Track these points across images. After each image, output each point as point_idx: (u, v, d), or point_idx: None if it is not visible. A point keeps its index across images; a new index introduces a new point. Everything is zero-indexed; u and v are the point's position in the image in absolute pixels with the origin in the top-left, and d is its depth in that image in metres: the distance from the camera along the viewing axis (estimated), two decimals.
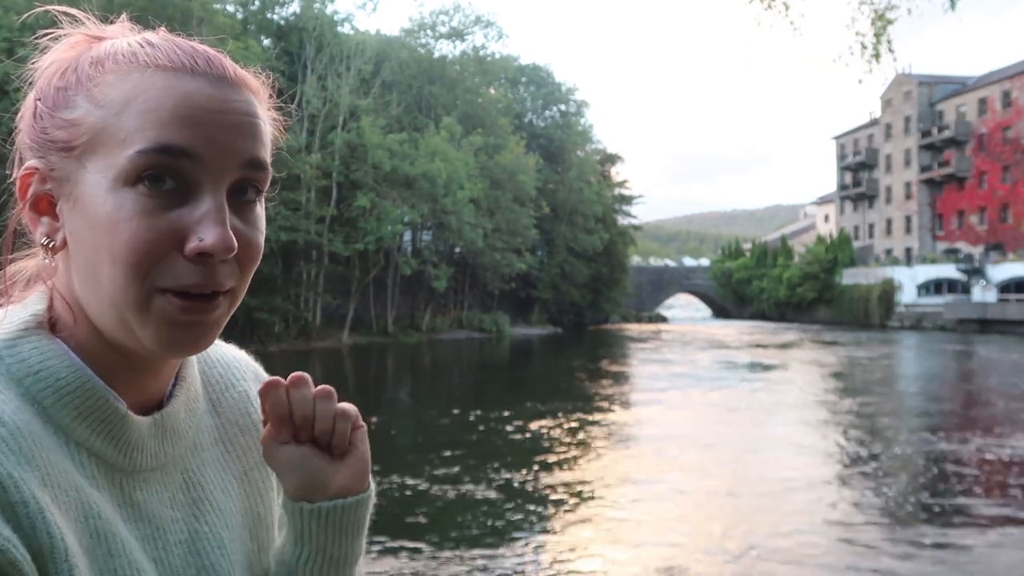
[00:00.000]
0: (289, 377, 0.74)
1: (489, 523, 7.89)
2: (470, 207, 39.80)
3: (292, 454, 0.74)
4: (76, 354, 0.65)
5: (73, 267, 0.65)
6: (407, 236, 42.36)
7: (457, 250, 43.89)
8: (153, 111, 0.61)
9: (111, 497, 0.65)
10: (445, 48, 48.66)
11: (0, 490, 0.54)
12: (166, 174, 0.61)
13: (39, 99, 0.65)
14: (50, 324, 0.67)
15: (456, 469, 10.25)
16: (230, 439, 0.79)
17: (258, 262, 0.68)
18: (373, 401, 18.45)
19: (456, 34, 48.60)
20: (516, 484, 9.47)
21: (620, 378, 23.00)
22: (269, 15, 39.48)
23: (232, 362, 0.84)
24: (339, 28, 40.02)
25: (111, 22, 0.70)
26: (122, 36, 0.67)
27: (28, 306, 0.67)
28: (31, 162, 0.65)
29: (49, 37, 0.68)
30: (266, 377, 0.85)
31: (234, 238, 0.63)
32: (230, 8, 36.99)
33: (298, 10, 39.58)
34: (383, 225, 37.19)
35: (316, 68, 37.44)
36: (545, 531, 7.70)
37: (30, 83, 0.68)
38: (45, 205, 0.65)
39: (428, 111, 44.98)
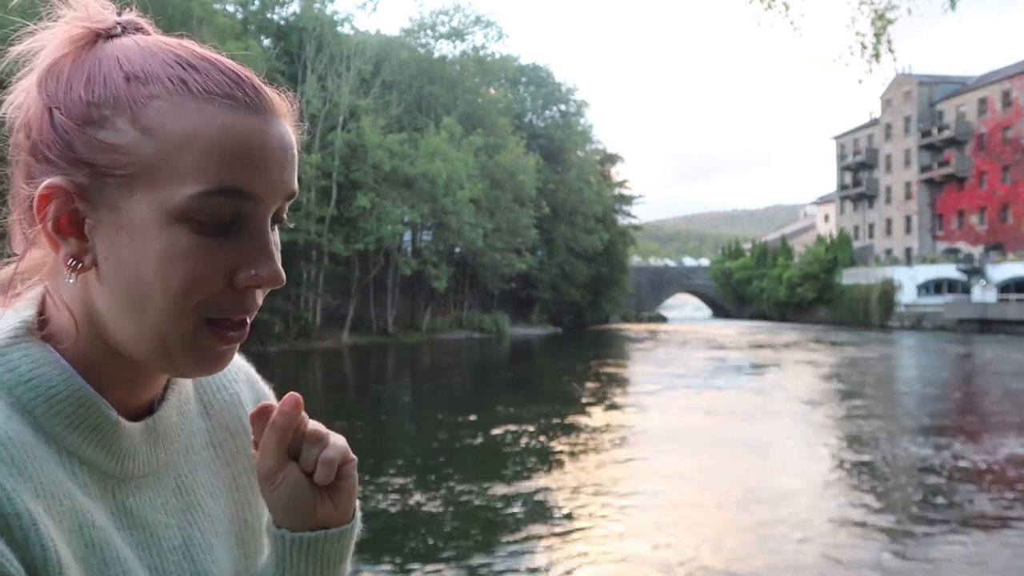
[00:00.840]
0: (280, 404, 0.73)
1: (477, 531, 7.88)
2: (470, 207, 39.81)
3: (282, 478, 0.73)
4: (71, 362, 0.65)
5: (102, 291, 0.63)
6: (407, 236, 42.37)
7: (457, 250, 43.90)
8: (217, 152, 0.60)
9: (104, 505, 0.64)
10: (445, 48, 48.73)
11: None
12: (225, 215, 0.62)
13: (57, 108, 0.62)
14: (42, 329, 0.65)
15: (445, 474, 10.24)
16: (220, 443, 0.78)
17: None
18: (373, 402, 18.46)
19: (456, 34, 48.61)
20: (507, 491, 9.47)
21: (618, 380, 23.01)
22: (269, 15, 39.49)
23: None
24: (339, 28, 40.04)
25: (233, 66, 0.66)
26: (117, 30, 0.65)
27: (19, 312, 0.66)
28: (55, 180, 0.61)
29: (30, 31, 0.65)
30: (258, 380, 0.86)
31: (283, 277, 0.65)
32: (230, 8, 36.98)
33: (298, 10, 39.60)
34: (383, 225, 37.20)
35: (316, 68, 37.44)
36: (532, 540, 7.69)
37: (22, 70, 0.65)
38: (68, 225, 0.62)
39: (428, 111, 44.99)
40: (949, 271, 53.13)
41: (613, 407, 16.28)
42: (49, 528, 0.57)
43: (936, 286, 53.53)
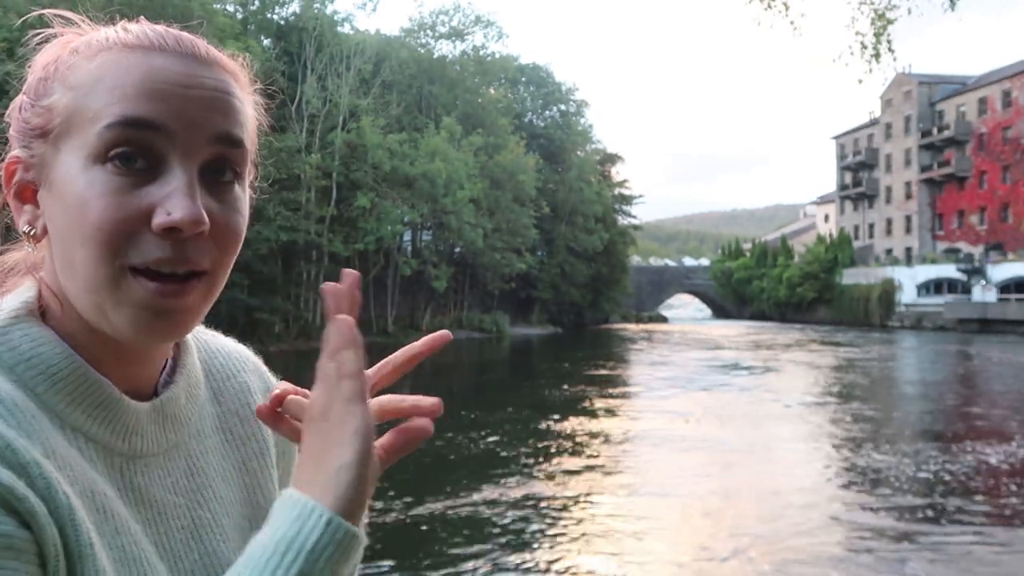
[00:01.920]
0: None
1: (473, 532, 7.88)
2: (470, 207, 39.81)
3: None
4: (66, 340, 0.65)
5: (55, 256, 0.65)
6: (407, 236, 42.37)
7: (457, 250, 43.89)
8: (119, 87, 0.61)
9: (111, 481, 0.65)
10: (445, 48, 48.73)
11: (11, 452, 0.55)
12: (136, 151, 0.61)
13: (25, 93, 0.67)
14: (40, 313, 0.67)
15: (440, 478, 10.23)
16: (230, 428, 0.79)
17: (238, 246, 0.66)
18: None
19: (456, 34, 48.61)
20: (502, 495, 9.46)
21: (617, 381, 23.00)
22: (269, 15, 39.47)
23: (233, 353, 0.84)
24: (339, 28, 40.02)
25: (112, 22, 0.69)
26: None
27: (19, 295, 0.67)
28: (15, 152, 0.66)
29: (40, 38, 0.69)
30: (267, 371, 0.86)
31: (205, 214, 0.61)
32: (230, 8, 36.99)
33: (298, 10, 39.57)
34: (383, 225, 37.20)
35: (316, 68, 37.43)
36: (529, 542, 7.69)
37: (24, 82, 0.69)
38: (29, 194, 0.66)
39: (428, 111, 44.98)
40: (949, 271, 53.14)
41: (611, 410, 16.27)
42: (63, 484, 0.58)
43: (936, 286, 53.53)
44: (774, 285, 67.93)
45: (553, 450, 11.59)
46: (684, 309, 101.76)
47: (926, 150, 65.39)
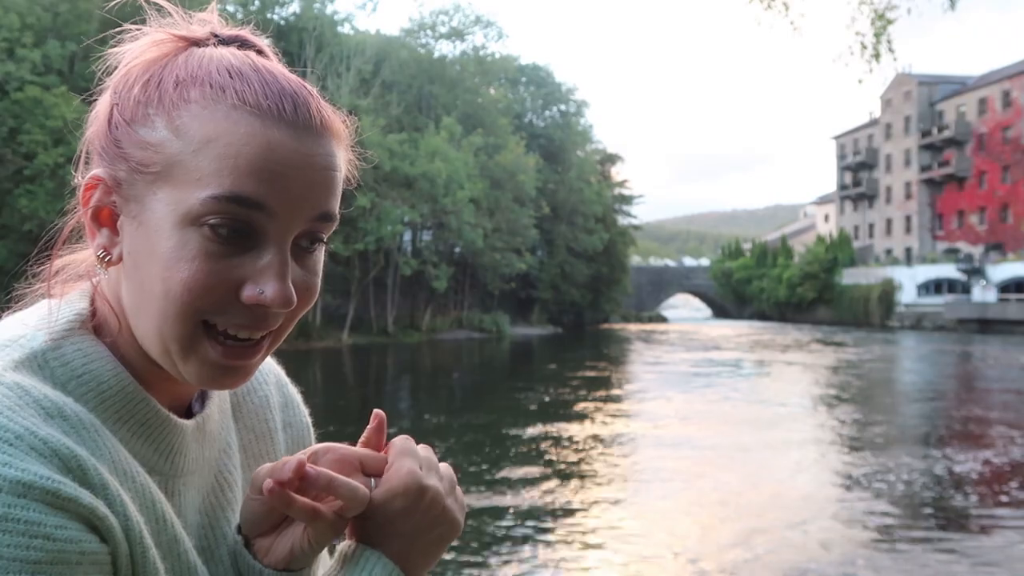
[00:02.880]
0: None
1: (469, 534, 7.88)
2: (470, 207, 39.80)
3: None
4: (117, 356, 0.66)
5: (126, 286, 0.64)
6: (407, 236, 42.36)
7: (457, 250, 43.89)
8: (233, 157, 0.59)
9: None
10: (445, 48, 48.72)
11: (84, 472, 0.56)
12: (235, 225, 0.60)
13: (116, 104, 0.64)
14: (93, 323, 0.66)
15: None
16: (246, 445, 0.78)
17: (311, 303, 0.67)
18: (373, 401, 18.44)
19: (456, 34, 48.60)
20: (495, 502, 9.46)
21: (616, 383, 22.99)
22: (269, 15, 39.48)
23: None
24: (339, 28, 40.05)
25: (201, 9, 0.68)
26: (211, 42, 0.66)
27: (72, 303, 0.67)
28: (98, 171, 0.64)
29: (130, 36, 0.67)
30: (287, 383, 0.86)
31: (294, 294, 0.62)
32: (230, 8, 36.99)
33: (298, 10, 39.60)
34: (383, 225, 37.20)
35: (316, 68, 37.36)
36: (518, 549, 7.68)
37: (107, 76, 0.67)
38: (106, 217, 0.65)
39: (428, 111, 44.97)
40: (949, 271, 53.13)
41: (609, 412, 16.27)
42: (127, 501, 0.59)
43: (936, 286, 53.53)
44: (774, 285, 67.93)
45: (547, 453, 11.58)
46: (684, 309, 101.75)
47: (926, 150, 65.38)
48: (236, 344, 0.63)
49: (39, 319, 0.65)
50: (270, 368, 0.83)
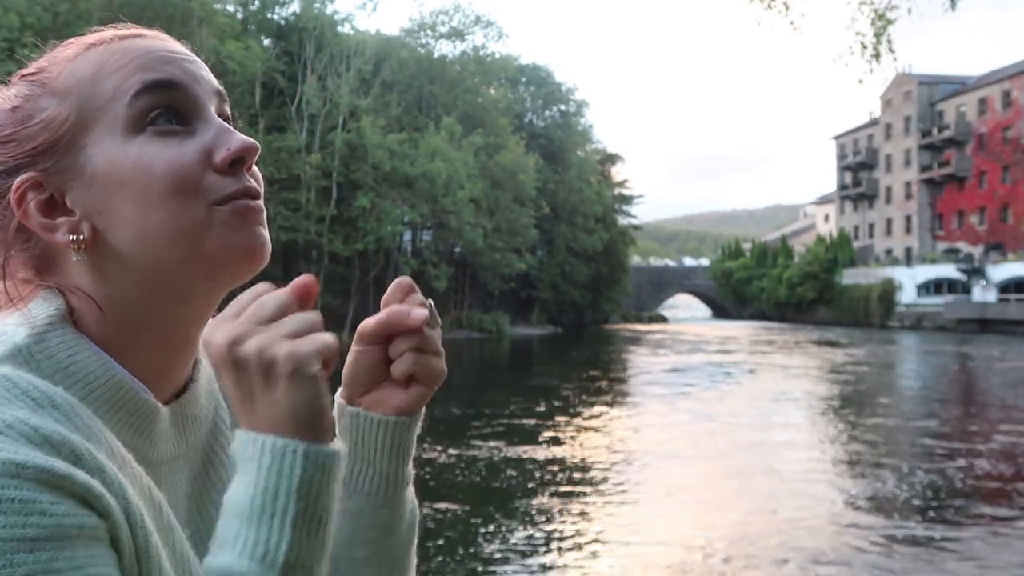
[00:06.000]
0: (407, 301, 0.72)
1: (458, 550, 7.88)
2: (470, 207, 39.80)
3: (371, 359, 0.72)
4: (102, 348, 0.65)
5: (122, 237, 0.64)
6: (407, 236, 42.37)
7: (457, 250, 43.89)
8: (131, 62, 0.65)
9: None
10: (445, 48, 48.72)
11: (77, 456, 0.55)
12: (167, 111, 0.64)
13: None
14: (72, 318, 0.66)
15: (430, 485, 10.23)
16: (234, 426, 0.76)
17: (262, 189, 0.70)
18: None
19: (456, 34, 48.60)
20: (492, 506, 9.47)
21: (615, 384, 23.00)
22: (269, 15, 39.49)
23: None
24: (339, 28, 40.03)
25: (112, 26, 0.71)
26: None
27: (47, 300, 0.65)
28: (17, 179, 0.64)
29: None
30: None
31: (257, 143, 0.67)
32: (230, 8, 36.98)
33: (298, 10, 39.59)
34: (383, 225, 37.20)
35: (316, 68, 37.43)
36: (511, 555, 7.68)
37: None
38: (54, 207, 0.65)
39: (428, 111, 44.97)
40: (949, 271, 53.12)
41: (607, 414, 16.27)
42: (127, 485, 0.59)
43: (936, 286, 53.52)
44: (774, 285, 67.90)
45: (541, 456, 11.58)
46: (684, 309, 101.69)
47: (926, 150, 65.37)
48: (240, 199, 0.65)
49: (17, 317, 0.64)
50: None
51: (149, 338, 0.66)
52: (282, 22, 39.57)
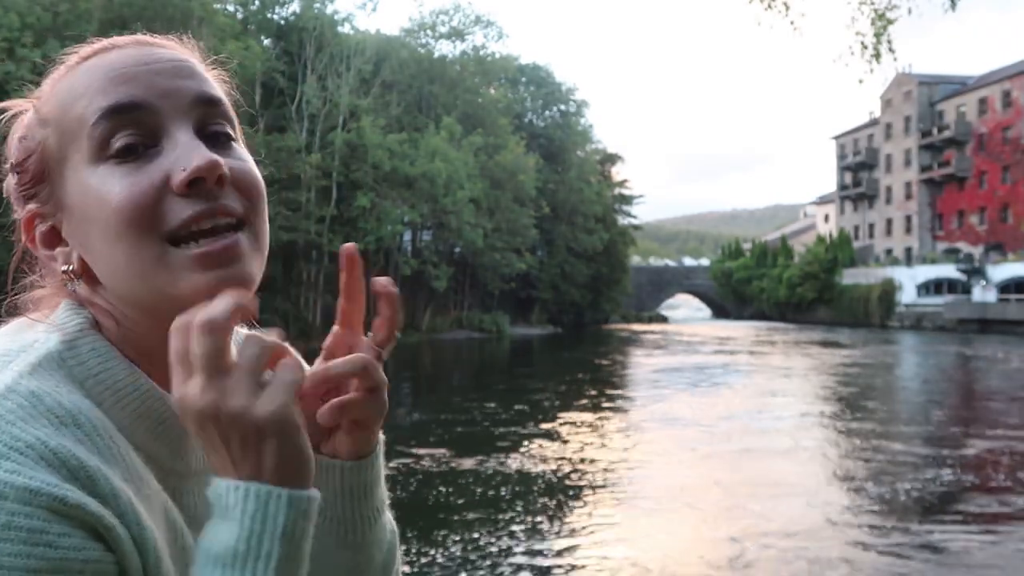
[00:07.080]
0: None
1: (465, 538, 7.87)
2: (470, 207, 39.81)
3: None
4: (126, 356, 0.65)
5: (98, 268, 0.64)
6: (407, 236, 42.36)
7: (457, 250, 43.89)
8: (91, 84, 0.63)
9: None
10: (445, 48, 48.73)
11: (93, 482, 0.55)
12: (132, 137, 0.62)
13: (10, 162, 0.68)
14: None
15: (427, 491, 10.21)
16: None
17: (262, 193, 0.67)
18: None
19: (456, 34, 48.60)
20: (490, 511, 9.45)
21: (614, 384, 22.99)
22: (269, 15, 39.46)
23: None
24: (339, 28, 40.02)
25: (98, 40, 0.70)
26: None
27: (71, 310, 0.66)
28: (26, 210, 0.67)
29: (9, 115, 0.70)
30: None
31: (219, 158, 0.62)
32: (230, 8, 36.96)
33: (298, 10, 39.57)
34: (383, 225, 37.21)
35: (316, 68, 37.43)
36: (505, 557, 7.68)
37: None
38: (56, 238, 0.66)
39: (428, 111, 44.96)
40: (949, 271, 53.10)
41: (606, 414, 16.26)
42: (141, 510, 0.59)
43: (936, 286, 53.50)
44: (774, 285, 67.90)
45: (538, 458, 11.58)
46: (684, 309, 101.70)
47: (926, 150, 65.36)
48: (208, 236, 0.62)
49: (45, 327, 0.65)
50: None
51: (164, 352, 0.63)
52: (282, 22, 39.54)
